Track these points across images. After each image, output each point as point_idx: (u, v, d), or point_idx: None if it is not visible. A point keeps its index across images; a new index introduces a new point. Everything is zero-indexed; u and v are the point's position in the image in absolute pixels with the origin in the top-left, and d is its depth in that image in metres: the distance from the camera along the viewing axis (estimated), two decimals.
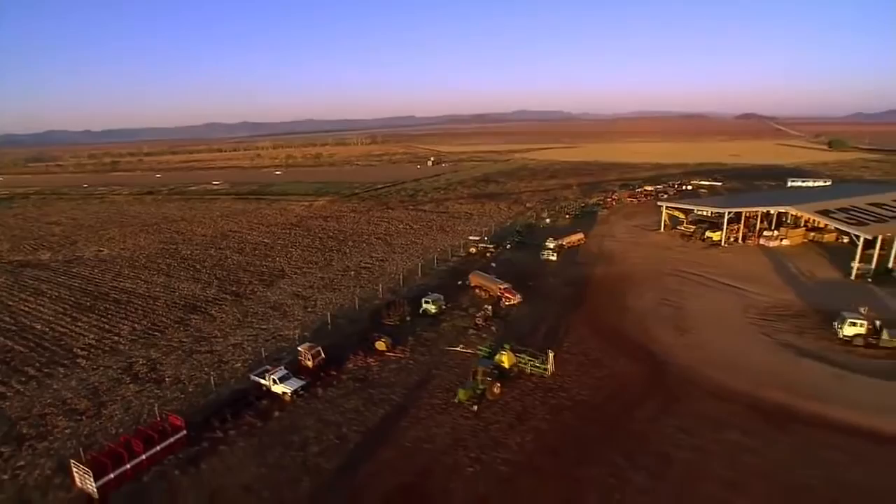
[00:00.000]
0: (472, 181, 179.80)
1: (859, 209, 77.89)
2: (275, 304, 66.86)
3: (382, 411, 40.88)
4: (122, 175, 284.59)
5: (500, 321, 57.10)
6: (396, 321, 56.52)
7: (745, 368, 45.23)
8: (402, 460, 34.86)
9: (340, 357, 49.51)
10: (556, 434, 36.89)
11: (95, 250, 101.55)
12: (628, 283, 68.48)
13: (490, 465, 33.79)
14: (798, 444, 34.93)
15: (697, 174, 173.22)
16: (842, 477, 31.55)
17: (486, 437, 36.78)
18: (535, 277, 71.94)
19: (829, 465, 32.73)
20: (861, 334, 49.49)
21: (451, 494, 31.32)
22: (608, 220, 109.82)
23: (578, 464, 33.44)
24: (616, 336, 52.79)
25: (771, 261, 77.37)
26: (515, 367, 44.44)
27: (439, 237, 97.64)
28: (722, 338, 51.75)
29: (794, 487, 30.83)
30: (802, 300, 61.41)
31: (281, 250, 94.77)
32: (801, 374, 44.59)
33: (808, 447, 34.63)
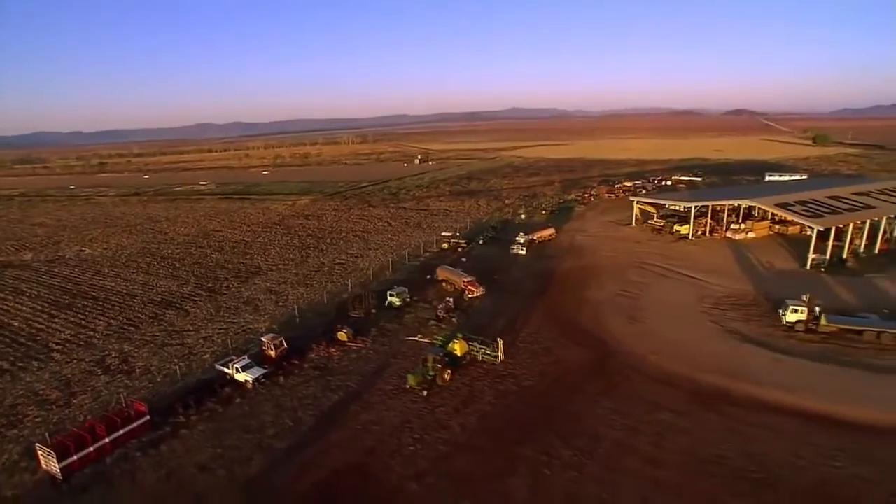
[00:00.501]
0: (456, 179, 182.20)
1: (818, 202, 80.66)
2: (247, 300, 69.06)
3: (337, 397, 43.26)
4: (110, 176, 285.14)
5: (461, 313, 59.48)
6: (361, 313, 58.86)
7: (689, 354, 47.81)
8: (350, 441, 37.26)
9: (304, 347, 51.74)
10: (499, 416, 39.36)
11: (77, 250, 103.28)
12: (592, 276, 71.03)
13: (431, 444, 36.24)
14: (723, 423, 37.51)
15: (679, 169, 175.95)
16: (754, 449, 34.15)
17: (431, 419, 39.22)
18: (502, 271, 74.39)
19: (746, 439, 35.33)
20: (802, 320, 52.20)
21: (390, 471, 33.73)
22: (584, 215, 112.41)
23: (515, 443, 35.88)
24: (570, 326, 55.31)
25: (734, 253, 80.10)
26: (468, 355, 46.77)
27: (415, 234, 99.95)
28: (672, 326, 54.33)
29: (708, 460, 33.38)
30: (756, 290, 64.11)
31: (260, 248, 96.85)
32: (741, 359, 47.20)
33: (732, 425, 37.20)
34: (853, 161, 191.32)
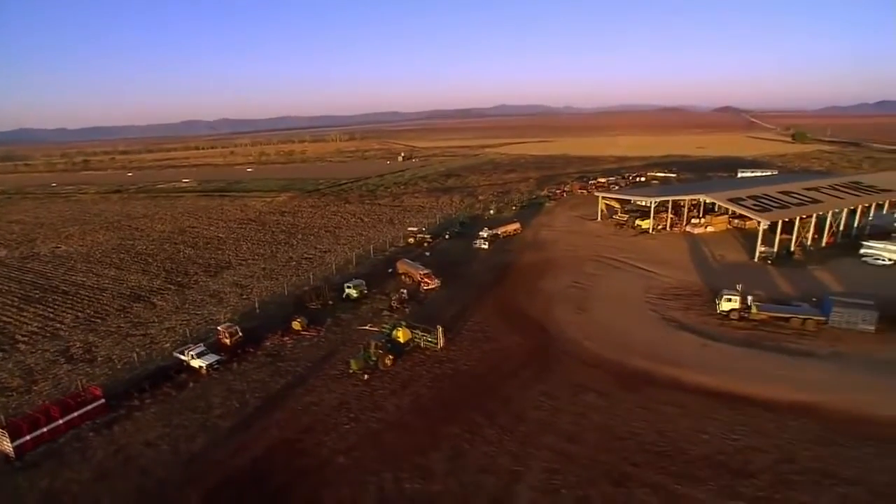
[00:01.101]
0: (435, 176, 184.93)
1: (769, 197, 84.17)
2: (214, 293, 71.52)
3: (284, 381, 46.02)
4: (93, 174, 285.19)
5: (416, 303, 62.33)
6: (319, 305, 61.56)
7: (624, 341, 50.88)
8: (290, 420, 40.05)
9: (260, 336, 54.42)
10: (432, 398, 42.27)
11: (53, 247, 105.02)
12: (548, 269, 74.12)
13: (364, 423, 39.09)
14: (642, 402, 40.43)
15: (658, 166, 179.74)
16: (664, 426, 37.14)
17: (368, 400, 42.07)
18: (463, 264, 77.35)
19: (659, 417, 38.33)
20: (735, 309, 55.53)
21: (322, 446, 36.54)
22: (553, 211, 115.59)
23: (442, 422, 38.75)
24: (518, 315, 58.31)
25: (690, 246, 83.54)
26: (411, 342, 49.63)
27: (386, 229, 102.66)
28: (614, 315, 57.47)
29: (620, 436, 36.27)
30: (702, 281, 67.44)
31: (232, 244, 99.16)
32: (672, 345, 50.32)
33: (650, 404, 40.13)
34: (826, 158, 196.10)
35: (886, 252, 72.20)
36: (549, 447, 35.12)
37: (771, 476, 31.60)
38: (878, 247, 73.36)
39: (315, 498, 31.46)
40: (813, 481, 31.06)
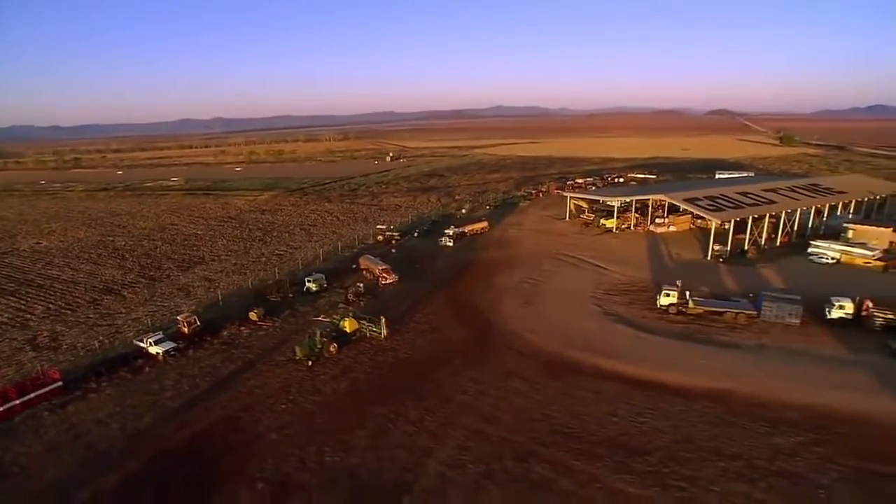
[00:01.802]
0: (418, 176, 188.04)
1: (726, 198, 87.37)
2: (183, 286, 74.47)
3: (234, 366, 49.02)
4: (83, 172, 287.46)
5: (372, 297, 65.38)
6: (279, 297, 64.58)
7: (562, 333, 53.85)
8: (233, 400, 43.06)
9: (218, 326, 57.43)
10: (368, 383, 45.29)
11: (34, 243, 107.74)
12: (506, 266, 77.21)
13: (301, 404, 42.13)
14: (564, 389, 43.28)
15: (642, 167, 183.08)
16: (578, 409, 40.03)
17: (309, 384, 45.11)
18: (426, 261, 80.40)
19: (576, 402, 41.27)
20: (674, 303, 58.65)
21: (258, 423, 39.57)
22: (525, 210, 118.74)
23: (373, 403, 41.74)
24: (467, 308, 61.38)
25: (649, 245, 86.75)
26: (358, 332, 52.67)
27: (360, 227, 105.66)
28: (559, 309, 60.55)
29: (535, 418, 39.17)
30: (651, 277, 70.51)
31: (209, 241, 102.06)
32: (607, 337, 53.21)
33: (571, 390, 42.99)
34: (806, 161, 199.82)
35: (830, 251, 75.58)
36: (466, 427, 38.11)
37: (664, 454, 34.56)
38: (823, 246, 76.76)
39: (240, 468, 34.42)
40: (701, 458, 34.03)
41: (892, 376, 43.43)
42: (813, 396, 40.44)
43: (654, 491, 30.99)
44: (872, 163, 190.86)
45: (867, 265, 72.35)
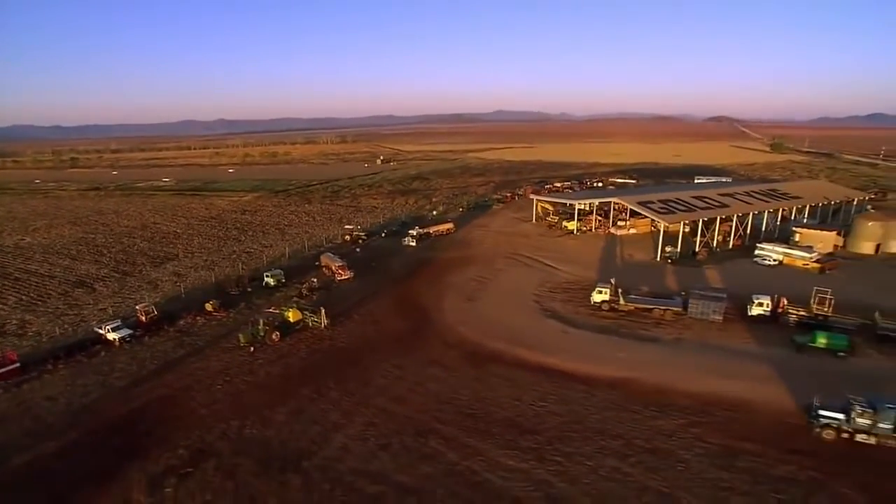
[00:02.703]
0: (403, 179, 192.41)
1: (681, 201, 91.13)
2: (152, 280, 78.73)
3: (184, 352, 53.10)
4: (79, 172, 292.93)
5: (326, 292, 69.42)
6: (237, 291, 68.71)
7: (494, 326, 57.57)
8: (175, 381, 47.13)
9: (176, 316, 61.58)
10: (300, 367, 49.28)
11: (18, 239, 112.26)
12: (461, 264, 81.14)
13: (235, 384, 46.17)
14: (479, 376, 46.73)
15: (627, 172, 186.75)
16: (486, 394, 43.57)
17: (246, 368, 49.15)
18: (385, 260, 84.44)
19: (486, 387, 44.80)
20: (606, 300, 62.40)
21: (192, 400, 43.60)
22: (497, 213, 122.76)
23: (299, 385, 45.69)
24: (411, 303, 65.28)
25: (606, 246, 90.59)
26: (301, 322, 56.71)
27: (334, 227, 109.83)
28: (498, 305, 64.36)
29: (444, 401, 42.82)
30: (598, 277, 73.72)
31: (186, 239, 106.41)
32: (536, 331, 56.76)
33: (485, 377, 46.43)
34: (789, 167, 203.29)
35: (773, 253, 79.34)
36: (378, 406, 41.98)
37: (553, 433, 38.12)
38: (767, 249, 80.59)
39: (168, 438, 38.40)
40: (585, 437, 37.58)
41: (788, 367, 47.10)
42: (709, 385, 43.91)
43: (531, 464, 34.61)
44: (853, 170, 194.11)
45: (806, 267, 76.06)
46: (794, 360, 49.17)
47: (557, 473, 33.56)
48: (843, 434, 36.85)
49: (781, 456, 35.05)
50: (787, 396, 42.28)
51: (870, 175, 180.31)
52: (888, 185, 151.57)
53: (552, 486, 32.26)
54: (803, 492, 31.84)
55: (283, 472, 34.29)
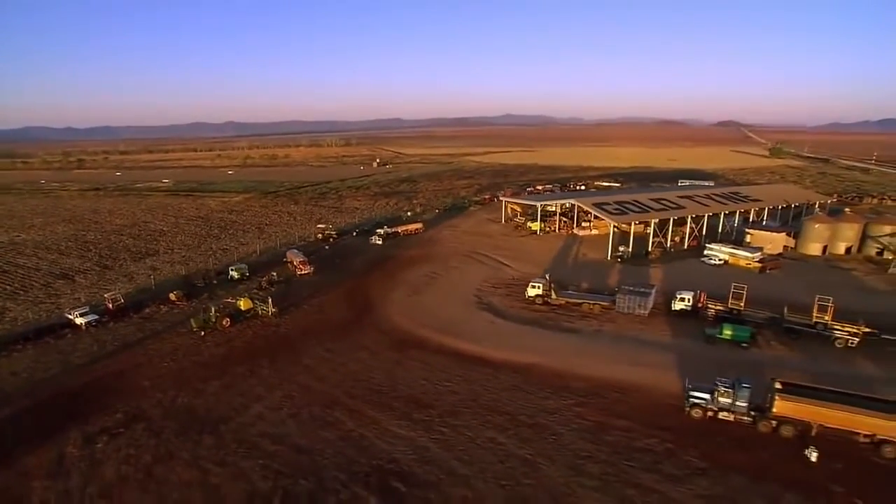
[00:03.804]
0: (392, 181, 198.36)
1: (638, 203, 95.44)
2: (129, 274, 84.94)
3: (142, 335, 58.85)
4: (84, 173, 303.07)
5: (286, 285, 74.99)
6: (203, 283, 74.57)
7: (428, 317, 62.54)
8: (128, 359, 52.83)
9: (142, 304, 67.53)
10: (242, 349, 54.74)
11: (14, 236, 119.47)
12: (419, 262, 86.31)
13: (180, 363, 51.75)
14: (399, 360, 51.35)
15: (614, 176, 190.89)
16: (399, 375, 48.22)
17: (195, 349, 54.72)
18: (350, 257, 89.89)
19: (401, 369, 49.36)
20: (540, 295, 67.12)
21: (140, 376, 49.15)
22: (471, 214, 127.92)
23: (236, 363, 51.04)
24: (360, 296, 70.53)
25: (564, 246, 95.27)
26: (252, 310, 62.27)
27: (310, 227, 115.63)
28: (440, 298, 69.32)
29: (359, 379, 47.60)
30: (542, 272, 78.30)
31: (171, 236, 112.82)
32: (466, 322, 61.24)
33: (404, 361, 51.02)
34: (779, 172, 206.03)
35: (720, 254, 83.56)
36: (299, 383, 47.22)
37: (446, 409, 42.63)
38: (715, 249, 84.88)
39: (110, 405, 43.95)
40: (474, 413, 42.05)
41: (692, 357, 51.27)
42: (608, 371, 48.03)
43: (417, 433, 39.35)
44: (843, 175, 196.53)
45: (748, 266, 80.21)
46: (701, 350, 53.49)
47: (438, 441, 38.29)
48: (708, 413, 40.90)
49: (648, 431, 39.15)
50: (678, 382, 46.12)
51: (857, 180, 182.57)
52: (872, 190, 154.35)
53: (429, 451, 37.07)
54: (653, 459, 36.11)
55: (200, 434, 39.63)
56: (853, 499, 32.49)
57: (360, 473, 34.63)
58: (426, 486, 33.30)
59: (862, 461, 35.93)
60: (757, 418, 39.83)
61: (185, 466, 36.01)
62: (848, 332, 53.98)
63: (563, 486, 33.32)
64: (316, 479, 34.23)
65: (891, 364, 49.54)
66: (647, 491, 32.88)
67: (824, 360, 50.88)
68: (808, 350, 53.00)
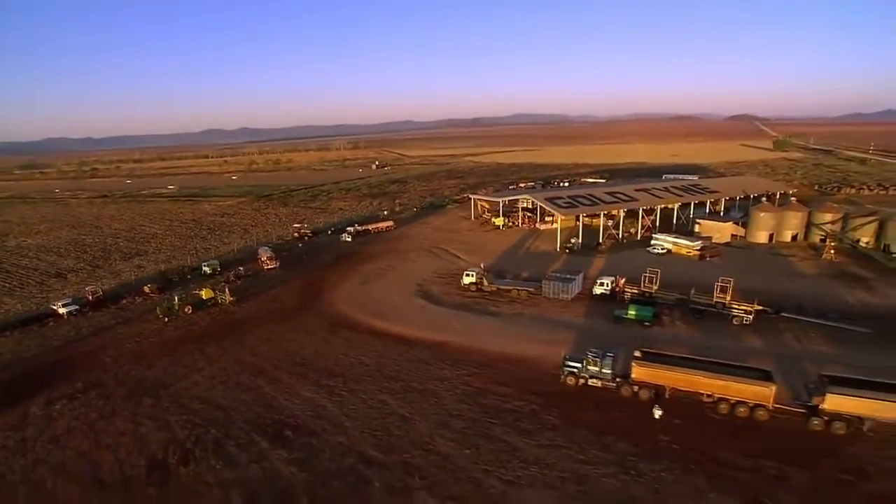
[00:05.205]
0: (383, 183, 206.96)
1: (593, 197, 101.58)
2: (116, 272, 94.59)
3: (115, 322, 67.80)
4: (97, 181, 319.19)
5: (252, 278, 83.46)
6: (177, 278, 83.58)
7: (368, 303, 69.95)
8: (98, 341, 61.65)
9: (121, 296, 76.74)
10: (198, 331, 63.06)
11: (21, 240, 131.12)
12: (380, 256, 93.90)
13: (142, 343, 60.32)
14: (327, 338, 58.80)
15: (605, 173, 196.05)
16: (326, 350, 55.67)
17: (156, 333, 63.29)
18: (319, 252, 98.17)
19: (328, 346, 56.57)
20: (474, 282, 74.00)
21: (104, 354, 57.79)
22: (448, 212, 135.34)
23: (188, 343, 59.24)
24: (315, 286, 78.41)
25: (522, 239, 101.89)
26: (212, 299, 70.82)
27: (290, 227, 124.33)
28: (386, 287, 76.55)
29: (289, 354, 55.41)
30: (495, 265, 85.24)
31: (161, 238, 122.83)
32: (400, 307, 68.05)
33: (332, 339, 58.44)
34: (772, 164, 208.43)
35: (665, 243, 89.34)
36: (237, 357, 55.20)
37: (352, 376, 49.55)
38: (659, 238, 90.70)
39: (73, 376, 52.53)
40: (375, 380, 48.75)
41: (595, 334, 56.41)
42: (510, 347, 53.83)
43: (321, 395, 46.64)
44: (838, 166, 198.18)
45: (689, 254, 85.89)
46: (607, 328, 59.45)
47: (334, 402, 45.50)
48: (580, 380, 46.83)
49: (521, 396, 45.13)
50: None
51: (849, 171, 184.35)
52: (859, 180, 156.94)
53: (325, 409, 44.49)
54: (514, 418, 42.06)
55: (142, 397, 47.92)
56: (672, 444, 38.66)
57: (262, 425, 42.31)
58: (311, 434, 40.77)
59: (699, 417, 41.67)
60: (620, 384, 45.90)
61: (124, 421, 44.23)
62: (744, 311, 59.58)
63: (426, 436, 40.12)
64: (225, 429, 42.05)
65: (772, 337, 55.15)
66: (495, 440, 39.11)
67: (717, 335, 56.45)
68: (706, 327, 58.56)
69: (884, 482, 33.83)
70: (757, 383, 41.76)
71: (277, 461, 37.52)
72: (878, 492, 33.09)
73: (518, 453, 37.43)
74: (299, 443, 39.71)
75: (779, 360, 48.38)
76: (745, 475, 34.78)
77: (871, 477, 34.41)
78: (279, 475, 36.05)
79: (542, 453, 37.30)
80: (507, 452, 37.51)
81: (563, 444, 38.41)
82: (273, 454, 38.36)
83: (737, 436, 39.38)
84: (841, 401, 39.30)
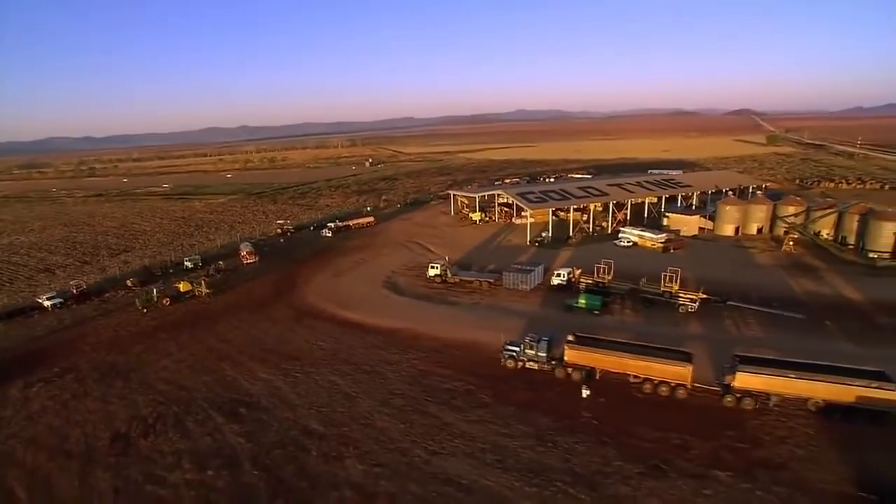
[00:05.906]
0: (373, 180, 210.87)
1: (565, 192, 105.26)
2: (103, 267, 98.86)
3: (97, 313, 72.08)
4: (95, 180, 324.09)
5: (232, 272, 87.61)
6: (160, 272, 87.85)
7: (335, 294, 73.85)
8: (79, 331, 65.89)
9: (105, 289, 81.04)
10: (172, 321, 67.22)
11: (14, 238, 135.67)
12: (356, 250, 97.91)
13: (120, 333, 64.55)
14: (292, 326, 62.91)
15: (598, 168, 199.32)
16: (288, 336, 59.90)
17: (135, 322, 67.51)
18: (298, 247, 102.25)
19: (292, 333, 60.74)
20: (438, 274, 77.83)
21: (84, 342, 62.04)
22: (431, 207, 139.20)
23: (163, 332, 63.46)
24: (288, 279, 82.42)
25: (492, 234, 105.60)
26: (190, 292, 75.03)
27: (275, 223, 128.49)
28: (355, 280, 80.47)
29: (254, 339, 59.67)
30: (463, 258, 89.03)
31: (150, 235, 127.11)
32: (365, 297, 71.85)
33: (296, 327, 62.54)
34: (758, 159, 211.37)
35: (631, 236, 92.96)
36: (206, 344, 59.38)
37: (308, 360, 53.59)
38: (627, 231, 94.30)
39: (51, 363, 56.75)
40: (329, 363, 52.76)
41: (543, 322, 59.37)
42: (462, 334, 57.49)
43: (277, 376, 50.73)
44: (824, 161, 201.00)
45: (653, 247, 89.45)
46: (557, 316, 62.88)
47: (288, 382, 49.58)
48: (519, 363, 50.39)
49: (460, 377, 48.76)
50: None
51: (834, 165, 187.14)
52: (841, 174, 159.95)
53: (278, 387, 48.63)
54: (449, 396, 45.76)
55: (113, 379, 52.16)
56: (591, 420, 42.39)
57: (220, 403, 46.46)
58: (263, 410, 44.89)
59: (624, 396, 45.13)
60: (554, 366, 49.56)
61: (94, 400, 48.46)
62: (689, 300, 63.20)
63: (366, 412, 44.10)
64: (185, 406, 46.23)
65: (712, 323, 58.62)
66: (428, 416, 42.92)
67: (661, 322, 60.01)
68: (652, 315, 62.19)
69: (772, 449, 37.56)
70: (676, 364, 45.27)
71: (229, 433, 41.63)
72: (766, 457, 36.80)
73: (447, 427, 41.25)
74: (251, 418, 43.76)
75: (712, 344, 51.97)
76: (652, 445, 38.45)
77: (763, 444, 38.15)
78: (228, 445, 40.15)
79: (469, 427, 41.07)
80: (437, 427, 41.32)
81: (489, 420, 42.06)
82: (226, 427, 42.50)
83: (654, 412, 42.83)
84: (749, 378, 42.91)
